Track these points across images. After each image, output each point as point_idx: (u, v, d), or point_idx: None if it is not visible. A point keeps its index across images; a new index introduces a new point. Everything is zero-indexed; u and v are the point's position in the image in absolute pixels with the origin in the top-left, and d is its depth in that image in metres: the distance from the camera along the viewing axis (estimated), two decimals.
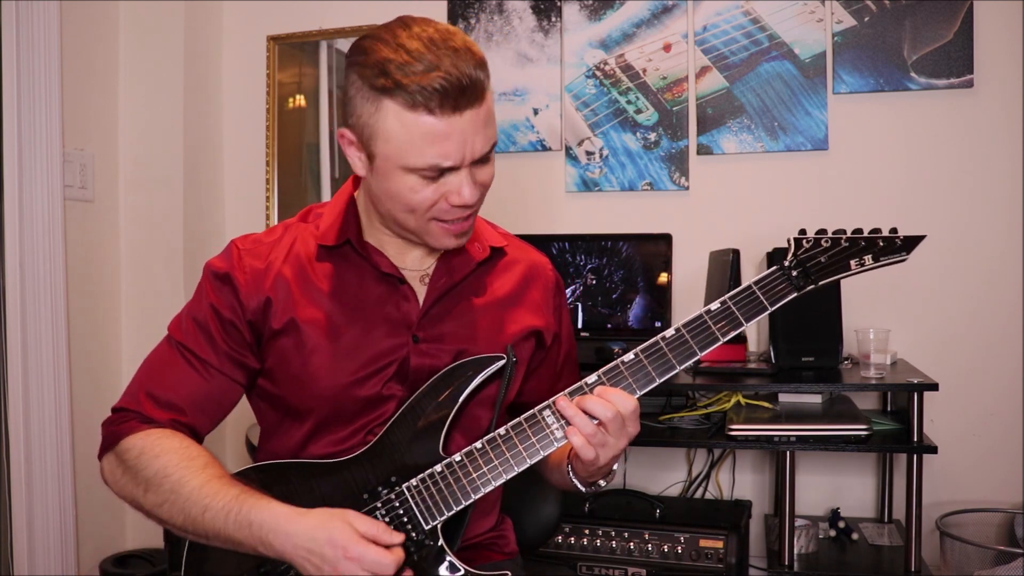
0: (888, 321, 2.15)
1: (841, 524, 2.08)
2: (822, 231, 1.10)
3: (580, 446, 1.04)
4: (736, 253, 1.99)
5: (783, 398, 2.01)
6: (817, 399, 2.00)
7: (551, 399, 1.08)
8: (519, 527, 1.41)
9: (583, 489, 1.16)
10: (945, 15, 2.17)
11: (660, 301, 2.24)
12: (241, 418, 2.61)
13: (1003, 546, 1.94)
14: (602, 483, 1.15)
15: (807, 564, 1.92)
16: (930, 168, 2.21)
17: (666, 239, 2.25)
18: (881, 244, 1.10)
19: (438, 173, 1.06)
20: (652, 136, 2.38)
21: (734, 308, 1.08)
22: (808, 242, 1.10)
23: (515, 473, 1.07)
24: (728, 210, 2.33)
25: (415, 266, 1.20)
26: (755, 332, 2.29)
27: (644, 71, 2.39)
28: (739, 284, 1.97)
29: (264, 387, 1.19)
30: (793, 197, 2.29)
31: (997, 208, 2.16)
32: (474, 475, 1.07)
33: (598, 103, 2.42)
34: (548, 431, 1.07)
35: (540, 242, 2.32)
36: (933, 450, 1.82)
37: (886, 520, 2.17)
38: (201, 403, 1.15)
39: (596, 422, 1.04)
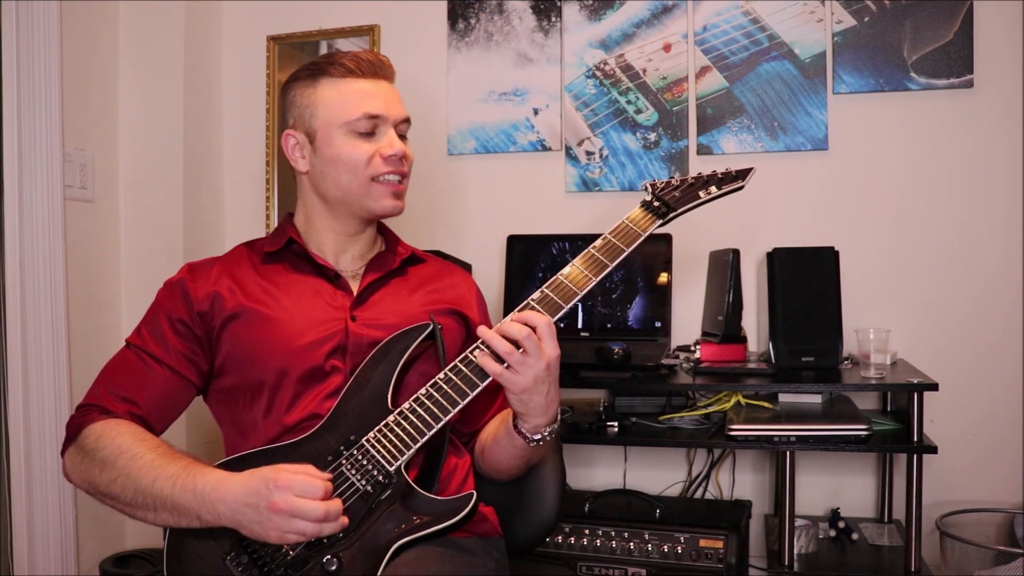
0: (888, 321, 2.15)
1: (841, 524, 2.08)
2: (672, 177, 1.38)
3: (494, 369, 1.16)
4: (736, 253, 1.99)
5: (783, 398, 2.01)
6: (817, 399, 2.00)
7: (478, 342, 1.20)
8: (518, 525, 1.42)
9: (530, 438, 1.23)
10: (945, 15, 2.16)
11: (660, 301, 2.24)
12: None
13: (1003, 546, 1.94)
14: (546, 431, 1.24)
15: (807, 564, 1.92)
16: (930, 168, 2.21)
17: (666, 239, 2.25)
18: (720, 176, 1.38)
19: (371, 125, 1.31)
20: (652, 136, 2.38)
21: (614, 240, 1.27)
22: (662, 184, 1.36)
23: (460, 406, 1.18)
24: (728, 210, 2.31)
25: (348, 267, 1.38)
26: (755, 332, 2.29)
27: (644, 71, 2.39)
28: (739, 285, 1.99)
29: (220, 386, 1.31)
30: (793, 197, 2.29)
31: (997, 208, 2.16)
32: (424, 414, 1.18)
33: (598, 103, 2.42)
34: (479, 363, 1.18)
35: (540, 242, 2.34)
36: (933, 450, 1.82)
37: (886, 520, 2.17)
38: (154, 398, 1.27)
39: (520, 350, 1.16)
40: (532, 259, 2.33)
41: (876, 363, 1.90)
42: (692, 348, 2.16)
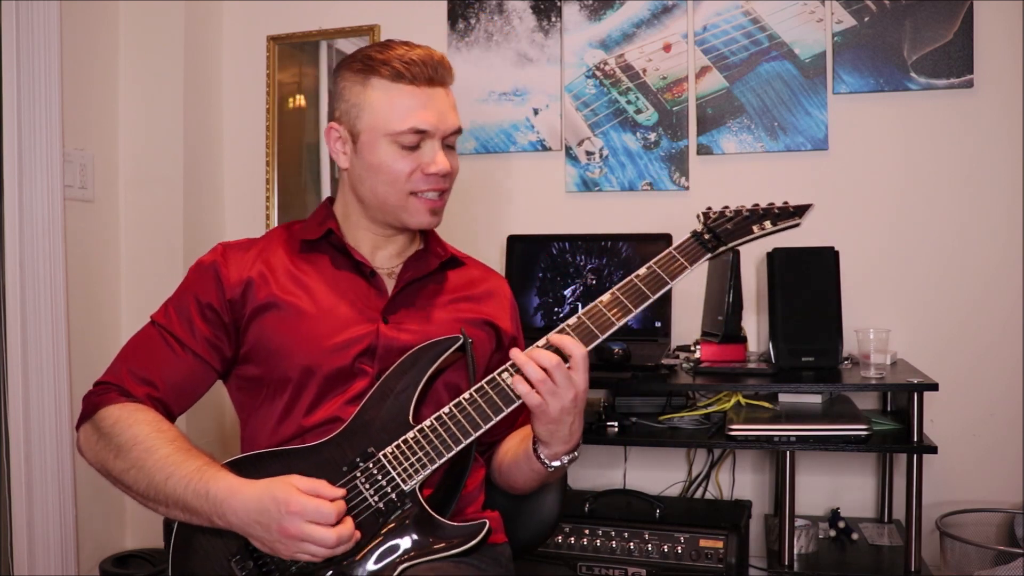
0: (888, 321, 2.15)
1: (841, 524, 2.08)
2: (725, 207, 1.28)
3: (525, 393, 1.13)
4: (736, 253, 1.99)
5: (783, 398, 2.01)
6: (817, 399, 2.00)
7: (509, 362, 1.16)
8: (519, 527, 1.41)
9: (548, 464, 1.21)
10: (945, 15, 2.16)
11: (660, 301, 2.22)
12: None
13: (1003, 546, 1.94)
14: (566, 459, 1.22)
15: (807, 564, 1.92)
16: (930, 168, 2.21)
17: (666, 239, 2.25)
18: (776, 211, 1.29)
19: (416, 139, 1.25)
20: (652, 136, 2.38)
21: (658, 270, 1.22)
22: (715, 214, 1.27)
23: (483, 429, 1.15)
24: None
25: (385, 264, 1.35)
26: (755, 332, 2.29)
27: (644, 71, 2.39)
28: (739, 285, 1.99)
29: (243, 373, 1.28)
30: (793, 197, 2.24)
31: (997, 208, 2.16)
32: (444, 435, 1.15)
33: (598, 103, 2.42)
34: (507, 387, 1.15)
35: (540, 242, 2.33)
36: (933, 450, 1.82)
37: (886, 520, 2.17)
38: (175, 381, 1.24)
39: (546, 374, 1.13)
40: (532, 259, 2.34)
41: (876, 363, 1.90)
42: (692, 348, 2.16)
